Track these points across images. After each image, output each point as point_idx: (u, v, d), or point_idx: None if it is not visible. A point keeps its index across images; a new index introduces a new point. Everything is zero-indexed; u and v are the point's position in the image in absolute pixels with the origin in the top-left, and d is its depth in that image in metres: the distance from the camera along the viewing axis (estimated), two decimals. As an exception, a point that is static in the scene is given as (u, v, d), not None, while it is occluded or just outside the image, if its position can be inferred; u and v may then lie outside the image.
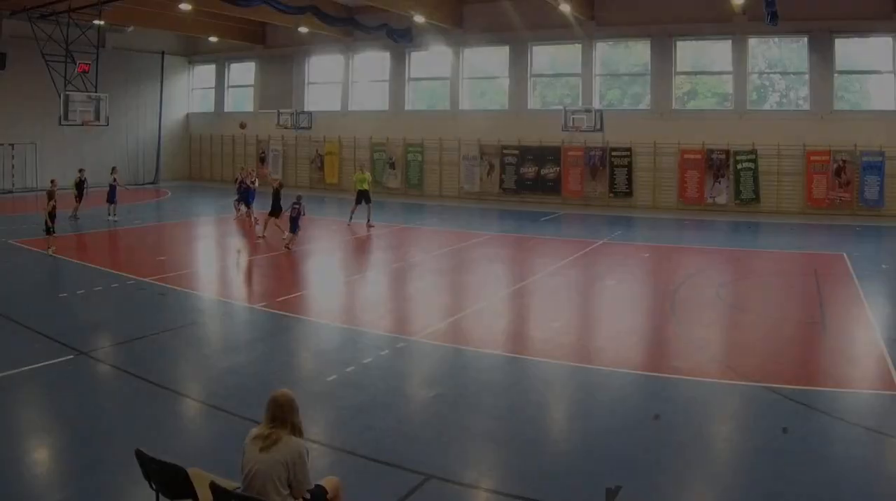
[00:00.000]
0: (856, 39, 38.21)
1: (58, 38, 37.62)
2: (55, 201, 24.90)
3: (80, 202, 33.04)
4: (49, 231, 24.36)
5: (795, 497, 8.41)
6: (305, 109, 50.09)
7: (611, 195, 41.48)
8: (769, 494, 8.51)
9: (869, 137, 36.36)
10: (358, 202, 32.40)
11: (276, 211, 27.53)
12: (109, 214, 32.90)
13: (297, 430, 6.62)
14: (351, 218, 32.25)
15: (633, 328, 16.42)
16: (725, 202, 39.03)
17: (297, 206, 25.54)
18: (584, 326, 17.29)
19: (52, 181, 28.05)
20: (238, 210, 34.72)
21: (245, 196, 33.26)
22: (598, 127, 40.66)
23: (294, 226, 25.46)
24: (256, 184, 34.23)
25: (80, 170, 33.26)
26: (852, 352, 14.47)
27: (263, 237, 27.71)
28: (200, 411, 11.31)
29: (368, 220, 31.92)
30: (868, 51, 38.54)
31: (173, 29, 48.02)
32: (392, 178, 47.04)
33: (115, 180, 33.23)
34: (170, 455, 6.90)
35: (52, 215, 24.41)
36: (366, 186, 32.72)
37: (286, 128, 49.57)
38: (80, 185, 32.74)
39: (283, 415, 6.54)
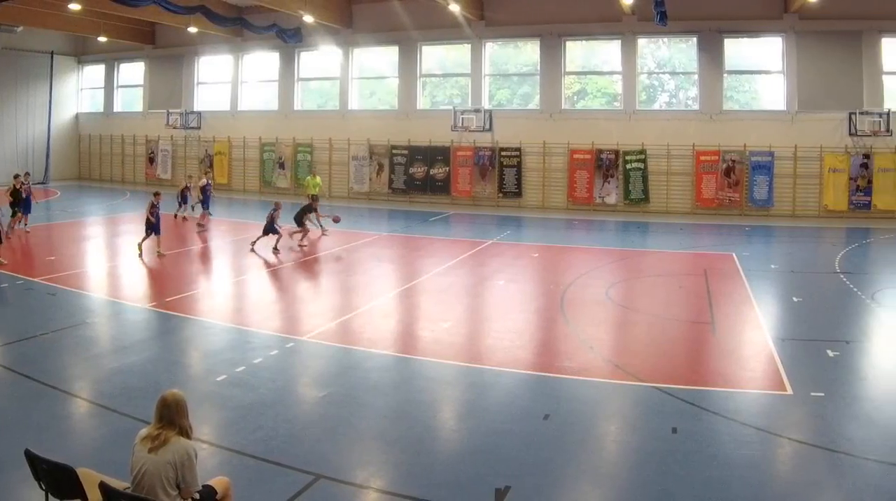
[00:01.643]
0: (745, 39, 35.01)
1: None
2: None
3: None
4: None
5: (686, 497, 7.86)
6: (195, 109, 45.01)
7: (500, 195, 37.43)
8: (660, 494, 7.95)
9: (758, 137, 33.31)
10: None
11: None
12: (24, 225, 26.21)
13: (185, 431, 6.18)
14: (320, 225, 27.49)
15: (522, 328, 15.09)
16: (615, 202, 35.41)
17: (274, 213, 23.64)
18: (473, 326, 15.67)
19: None
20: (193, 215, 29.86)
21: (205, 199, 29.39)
22: (488, 127, 36.90)
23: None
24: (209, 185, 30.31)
25: (17, 177, 26.24)
26: (742, 352, 13.39)
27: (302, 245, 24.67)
28: (90, 411, 10.31)
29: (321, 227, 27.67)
30: (757, 51, 35.16)
31: (62, 29, 42.66)
32: (281, 178, 42.35)
33: (26, 185, 26.29)
34: (59, 455, 6.50)
35: None
36: (318, 191, 29.28)
37: (175, 128, 44.73)
38: (17, 194, 25.56)
39: (171, 416, 6.13)
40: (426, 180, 38.67)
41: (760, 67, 35.15)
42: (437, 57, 40.61)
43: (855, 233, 28.92)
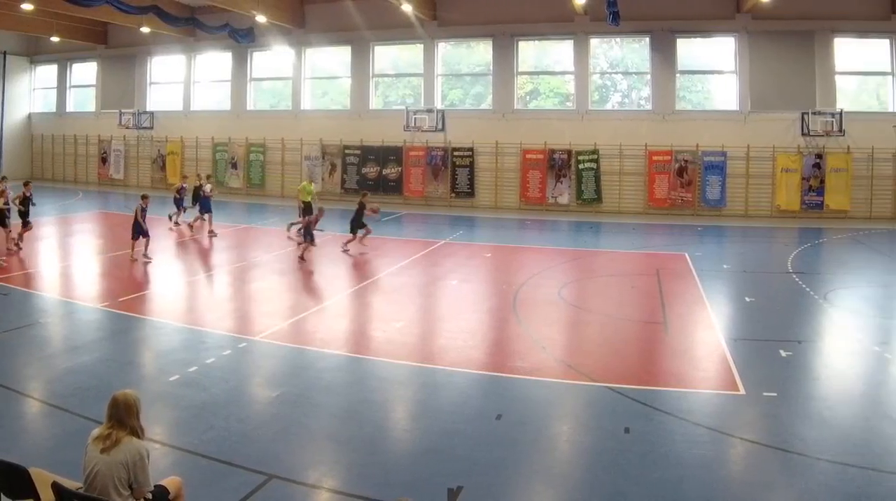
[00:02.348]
0: (698, 39, 33.46)
1: None
2: None
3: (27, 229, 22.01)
4: None
5: (638, 497, 7.48)
6: (147, 109, 42.64)
7: (452, 195, 35.50)
8: (612, 493, 7.57)
9: (711, 137, 31.83)
10: (304, 214, 24.96)
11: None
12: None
13: (136, 431, 5.87)
14: (296, 229, 24.69)
15: (475, 328, 14.40)
16: (567, 202, 33.64)
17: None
18: (426, 326, 15.00)
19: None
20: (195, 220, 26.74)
21: (205, 203, 25.96)
22: (440, 127, 35.03)
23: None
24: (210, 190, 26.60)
25: (27, 183, 22.67)
26: (694, 353, 12.81)
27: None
28: (42, 411, 9.80)
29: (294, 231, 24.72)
30: (710, 51, 33.59)
31: (15, 29, 40.20)
32: (234, 178, 40.09)
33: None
34: (11, 455, 6.38)
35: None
36: (310, 198, 25.98)
37: (128, 128, 42.32)
38: (25, 202, 21.90)
39: (120, 416, 5.83)
40: (379, 180, 36.63)
41: (713, 67, 33.61)
42: (389, 57, 38.51)
43: (807, 233, 27.93)
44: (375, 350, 12.77)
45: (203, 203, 25.64)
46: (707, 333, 13.85)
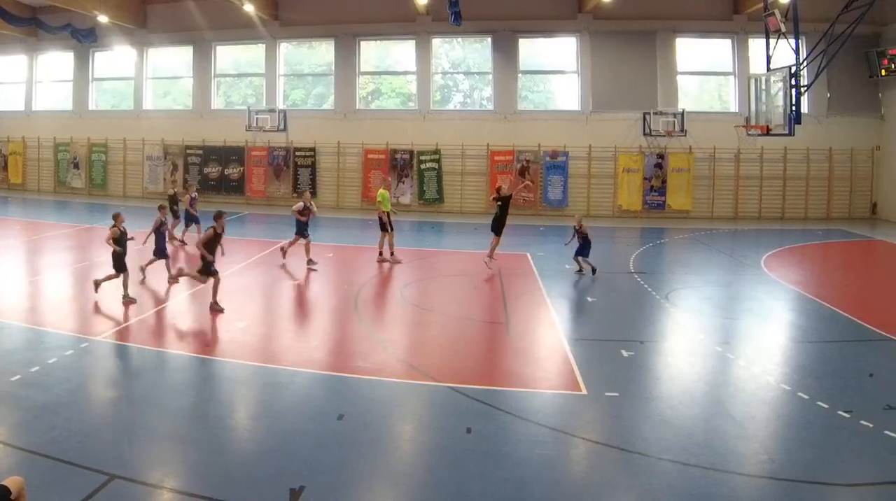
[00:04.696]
0: (540, 39, 27.72)
1: None
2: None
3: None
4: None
5: (480, 497, 6.39)
6: (-11, 109, 34.30)
7: (295, 195, 28.58)
8: (454, 494, 6.46)
9: (553, 137, 26.05)
10: (387, 229, 17.74)
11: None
12: None
13: None
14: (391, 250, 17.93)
15: (317, 328, 12.35)
16: (409, 202, 27.43)
17: None
18: (268, 326, 12.32)
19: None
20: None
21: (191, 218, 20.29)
22: (282, 127, 28.45)
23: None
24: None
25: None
26: (536, 353, 10.68)
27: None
28: None
29: (387, 249, 17.94)
30: (552, 51, 27.84)
31: None
32: (76, 178, 32.31)
33: None
34: None
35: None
36: (390, 207, 17.86)
37: (-31, 129, 33.65)
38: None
39: None
40: (221, 180, 29.60)
41: (555, 67, 27.88)
42: (231, 57, 31.15)
43: (649, 232, 23.53)
44: (218, 350, 10.80)
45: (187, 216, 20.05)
46: (549, 333, 11.88)
